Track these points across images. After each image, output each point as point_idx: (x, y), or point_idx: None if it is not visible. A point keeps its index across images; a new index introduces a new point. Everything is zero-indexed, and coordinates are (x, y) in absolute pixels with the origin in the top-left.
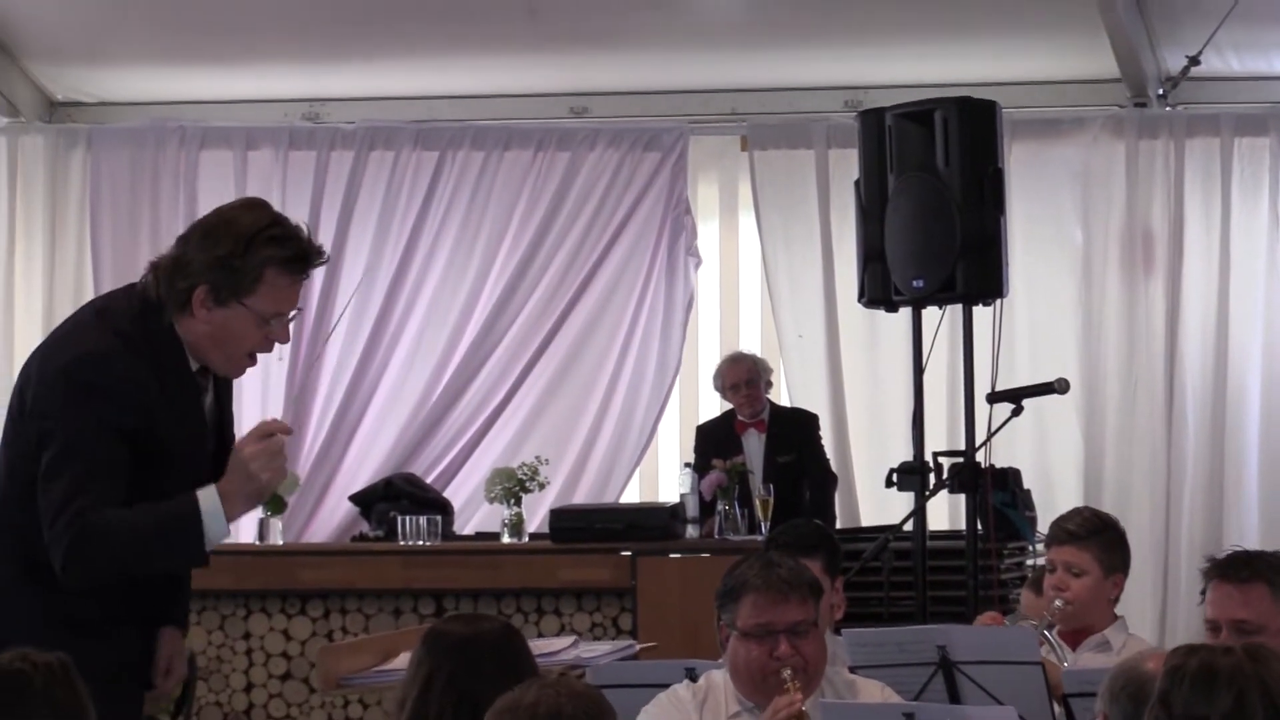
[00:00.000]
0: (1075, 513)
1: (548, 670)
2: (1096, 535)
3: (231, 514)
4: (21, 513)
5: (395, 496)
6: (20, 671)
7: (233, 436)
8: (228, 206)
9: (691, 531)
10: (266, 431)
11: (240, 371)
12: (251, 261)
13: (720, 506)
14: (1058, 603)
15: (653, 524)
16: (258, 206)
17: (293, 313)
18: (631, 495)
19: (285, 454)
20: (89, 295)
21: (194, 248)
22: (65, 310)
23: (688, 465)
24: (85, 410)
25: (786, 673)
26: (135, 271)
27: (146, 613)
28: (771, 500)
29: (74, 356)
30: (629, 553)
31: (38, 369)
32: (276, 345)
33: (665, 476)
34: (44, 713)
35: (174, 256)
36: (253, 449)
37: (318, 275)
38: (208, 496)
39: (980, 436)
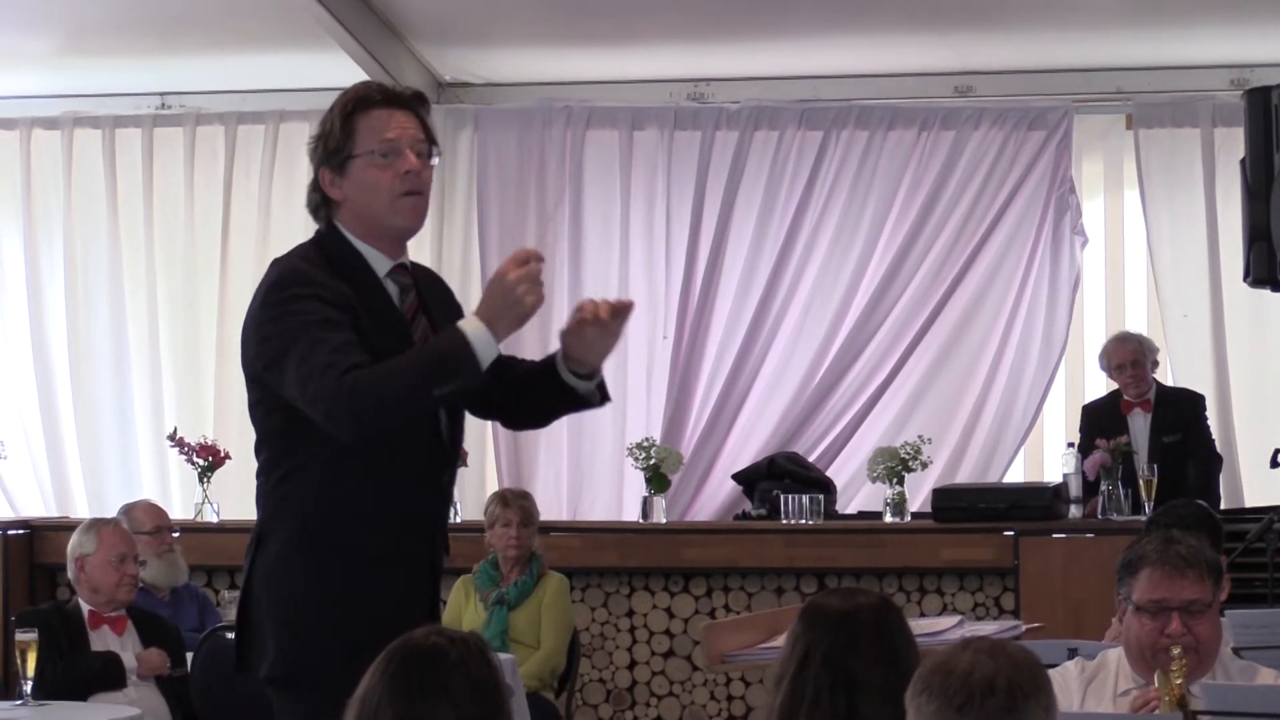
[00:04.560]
0: None
1: (929, 650)
2: None
3: (499, 335)
4: (286, 463)
5: (778, 475)
6: (436, 646)
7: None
8: None
9: (1075, 512)
10: (523, 258)
11: (409, 215)
12: (341, 122)
13: (1104, 486)
14: None
15: (1036, 504)
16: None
17: (410, 143)
18: (1016, 475)
19: (543, 280)
20: (476, 275)
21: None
22: (455, 290)
23: (1071, 445)
24: (296, 310)
25: (1176, 650)
26: None
27: (419, 548)
28: (1156, 480)
29: (266, 287)
30: (1012, 533)
31: (247, 325)
32: (663, 327)
33: (1051, 456)
34: (460, 683)
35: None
36: (516, 273)
37: (702, 253)
38: (471, 324)
39: None
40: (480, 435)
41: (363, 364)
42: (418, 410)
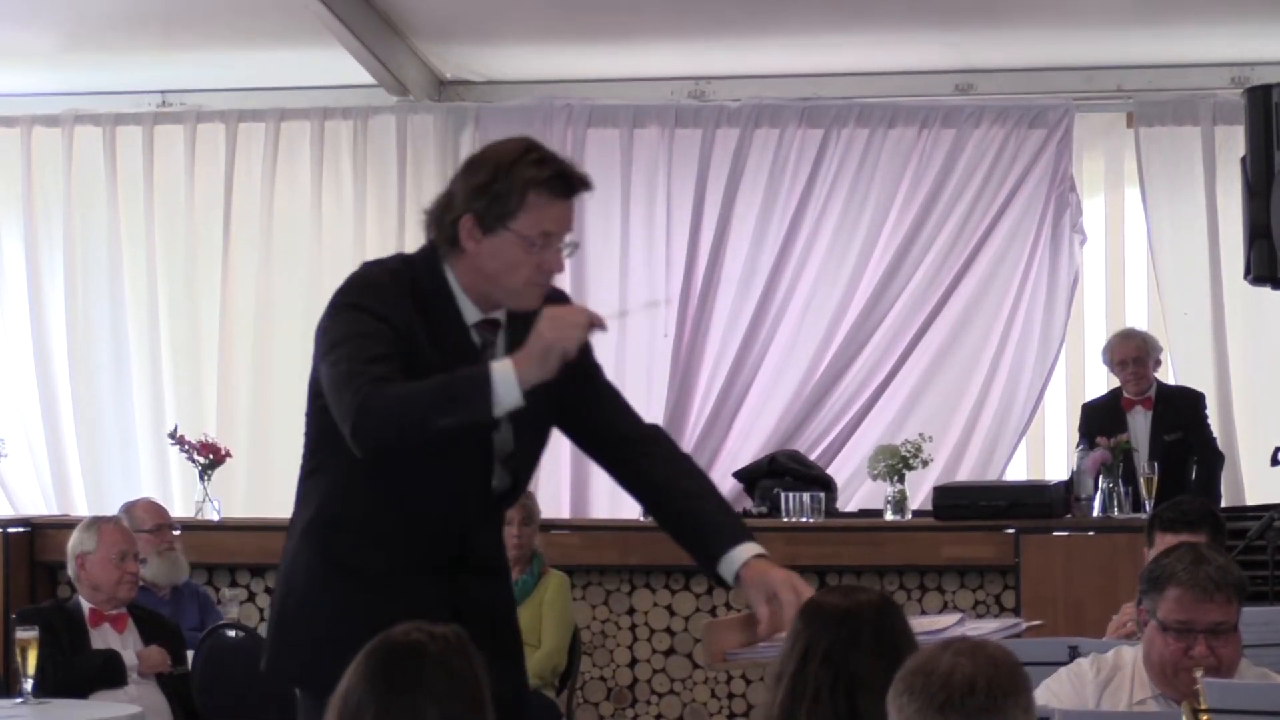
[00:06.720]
0: None
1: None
2: None
3: (522, 375)
4: (316, 458)
5: (779, 473)
6: (415, 641)
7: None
8: (492, 143)
9: (1079, 509)
10: (578, 308)
11: (530, 301)
12: (512, 184)
13: (1104, 484)
14: None
15: (1037, 501)
16: (518, 139)
17: (567, 239)
18: (1017, 472)
19: (583, 325)
20: None
21: (457, 182)
22: None
23: (1080, 444)
24: (354, 316)
25: (1198, 673)
26: None
27: (437, 562)
28: (1156, 478)
29: (342, 286)
30: (1012, 530)
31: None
32: (660, 323)
33: (1054, 454)
34: (441, 678)
35: (441, 194)
36: (551, 310)
37: (702, 251)
38: (501, 364)
39: None
40: None
41: (389, 378)
42: (420, 439)
